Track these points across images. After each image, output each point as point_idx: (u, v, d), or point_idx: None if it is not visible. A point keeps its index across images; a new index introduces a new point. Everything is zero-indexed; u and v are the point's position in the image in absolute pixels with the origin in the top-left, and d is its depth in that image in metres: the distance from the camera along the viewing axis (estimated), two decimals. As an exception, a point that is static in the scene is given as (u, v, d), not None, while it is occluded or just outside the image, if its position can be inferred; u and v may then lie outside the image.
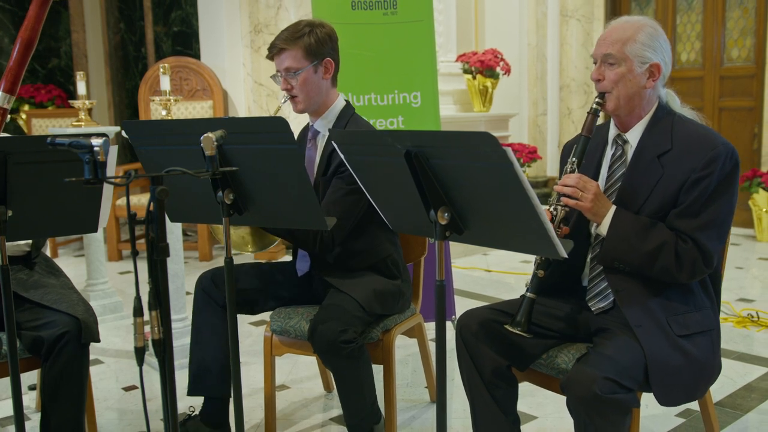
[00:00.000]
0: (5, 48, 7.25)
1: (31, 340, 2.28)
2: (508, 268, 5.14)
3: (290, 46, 2.40)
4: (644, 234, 1.98)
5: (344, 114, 2.53)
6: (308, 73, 2.42)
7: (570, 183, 2.00)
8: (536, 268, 2.06)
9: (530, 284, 2.06)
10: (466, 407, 2.76)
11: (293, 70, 2.41)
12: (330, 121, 2.52)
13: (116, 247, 5.57)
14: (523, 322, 2.02)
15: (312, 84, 2.44)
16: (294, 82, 2.43)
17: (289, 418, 2.86)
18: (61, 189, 1.91)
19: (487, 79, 6.59)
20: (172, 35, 6.83)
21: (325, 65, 2.45)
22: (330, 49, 2.46)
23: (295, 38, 2.40)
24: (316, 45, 2.41)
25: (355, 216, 2.42)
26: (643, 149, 2.07)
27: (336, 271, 2.50)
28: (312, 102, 2.47)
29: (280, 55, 2.42)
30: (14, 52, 2.28)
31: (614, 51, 2.04)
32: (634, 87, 2.05)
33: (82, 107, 3.58)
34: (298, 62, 2.40)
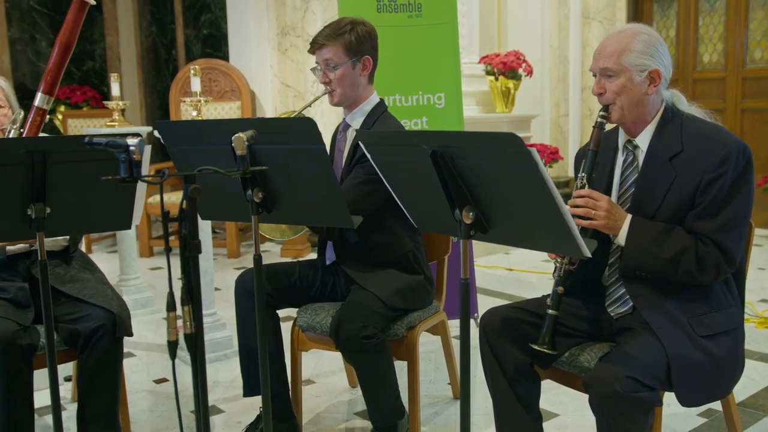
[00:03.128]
0: (42, 51, 7.35)
1: (68, 332, 2.32)
2: (530, 267, 5.12)
3: (331, 42, 2.44)
4: (663, 241, 1.94)
5: (375, 111, 2.55)
6: (346, 68, 2.46)
7: (580, 203, 1.98)
8: (555, 285, 2.04)
9: (551, 301, 2.04)
10: (488, 403, 2.75)
11: (332, 65, 2.45)
12: (362, 116, 2.55)
13: (147, 244, 5.63)
14: (548, 341, 2.01)
15: (349, 79, 2.47)
16: (332, 76, 2.47)
17: (314, 412, 2.87)
18: (97, 187, 1.93)
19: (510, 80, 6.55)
20: (202, 38, 6.89)
21: (363, 62, 2.49)
22: (369, 48, 2.50)
23: (337, 35, 2.44)
24: (356, 42, 2.45)
25: (369, 205, 2.41)
26: (654, 153, 2.04)
27: (358, 264, 2.50)
28: (347, 96, 2.51)
29: (321, 50, 2.47)
30: (53, 55, 2.31)
31: (611, 64, 2.01)
32: (636, 95, 2.02)
33: (116, 108, 3.61)
34: (338, 57, 2.44)
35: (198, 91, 3.22)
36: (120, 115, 3.72)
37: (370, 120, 2.54)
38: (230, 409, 2.91)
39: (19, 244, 2.43)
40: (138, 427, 2.76)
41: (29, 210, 1.88)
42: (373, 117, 2.54)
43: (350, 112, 2.57)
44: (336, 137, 2.66)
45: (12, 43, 7.17)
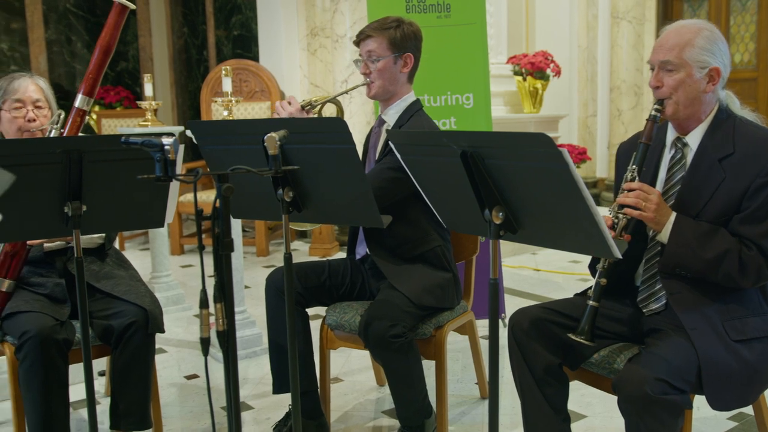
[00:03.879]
0: (78, 52, 7.46)
1: (102, 328, 2.35)
2: (557, 268, 5.08)
3: (377, 35, 2.48)
4: (706, 241, 1.91)
5: (411, 109, 2.56)
6: (388, 62, 2.48)
7: (632, 194, 1.95)
8: (598, 276, 2.02)
9: (593, 293, 2.01)
10: (514, 404, 2.74)
11: (374, 56, 2.48)
12: (396, 112, 2.57)
13: (178, 242, 5.68)
14: (586, 331, 1.98)
15: (388, 73, 2.49)
16: (373, 68, 2.50)
17: (342, 410, 2.87)
18: (132, 185, 1.96)
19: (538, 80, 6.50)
20: (233, 39, 6.93)
21: (404, 59, 2.51)
22: (412, 46, 2.52)
23: (383, 28, 2.48)
24: (400, 38, 2.48)
25: (394, 192, 2.40)
26: (704, 152, 2.01)
27: (388, 257, 2.50)
28: (385, 90, 2.52)
29: (366, 41, 2.50)
30: (94, 57, 2.34)
31: (672, 57, 1.97)
32: (693, 92, 1.98)
33: (149, 108, 3.65)
34: (381, 50, 2.47)
35: (229, 91, 3.25)
36: (153, 115, 3.76)
37: (404, 117, 2.54)
38: (259, 405, 2.93)
39: (56, 241, 2.47)
40: (169, 421, 2.78)
41: (66, 208, 1.91)
42: (407, 115, 2.55)
43: (386, 107, 2.59)
44: (371, 133, 2.67)
45: (49, 45, 7.29)
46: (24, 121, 2.45)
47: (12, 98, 2.45)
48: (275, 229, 5.95)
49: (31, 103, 2.47)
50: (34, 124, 2.45)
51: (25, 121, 2.45)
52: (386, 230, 2.44)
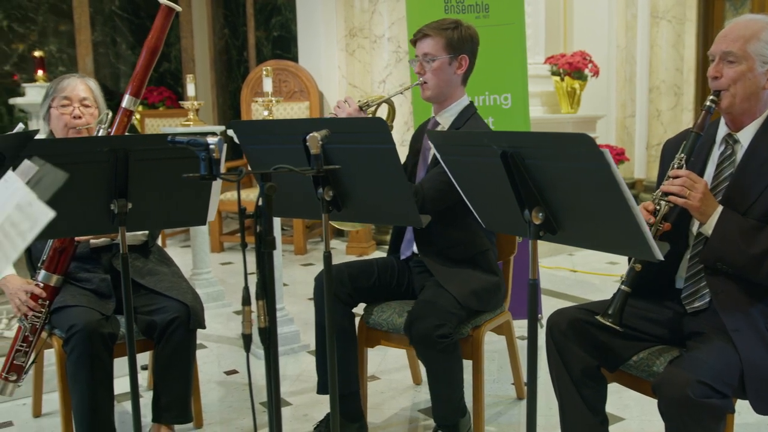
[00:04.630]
0: (122, 53, 7.59)
1: (146, 323, 2.38)
2: (594, 269, 5.02)
3: (434, 34, 2.46)
4: (752, 237, 1.87)
5: (466, 112, 2.54)
6: (443, 62, 2.47)
7: (678, 182, 1.90)
8: (633, 262, 1.98)
9: (626, 277, 1.97)
10: (551, 404, 2.71)
11: (430, 57, 2.47)
12: (452, 115, 2.55)
13: (218, 240, 5.75)
14: (615, 314, 1.94)
15: (443, 74, 2.48)
16: (428, 68, 2.48)
17: (379, 408, 2.88)
18: (175, 184, 1.99)
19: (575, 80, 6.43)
20: (273, 39, 6.99)
21: (460, 60, 2.49)
22: (469, 49, 2.51)
23: (441, 29, 2.47)
24: (457, 40, 2.46)
25: (450, 195, 2.34)
26: (756, 150, 1.96)
27: (438, 259, 2.48)
28: (439, 92, 2.51)
29: (423, 41, 2.49)
30: (141, 59, 2.38)
31: (735, 48, 1.92)
32: (752, 87, 1.93)
33: (191, 108, 3.70)
34: (437, 50, 2.46)
35: (269, 91, 3.27)
36: (194, 115, 3.81)
37: (460, 120, 2.53)
38: (297, 402, 2.94)
39: (102, 238, 2.51)
40: (209, 416, 2.81)
41: (112, 205, 1.94)
42: (463, 118, 2.53)
43: (440, 110, 2.57)
44: (423, 134, 2.65)
45: (95, 47, 7.44)
46: (70, 118, 2.50)
47: (60, 96, 2.51)
48: (313, 228, 5.98)
49: (78, 101, 2.52)
50: (80, 121, 2.50)
51: (71, 118, 2.50)
52: (437, 232, 2.44)
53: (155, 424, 2.47)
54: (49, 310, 2.37)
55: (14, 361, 2.37)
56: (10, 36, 7.05)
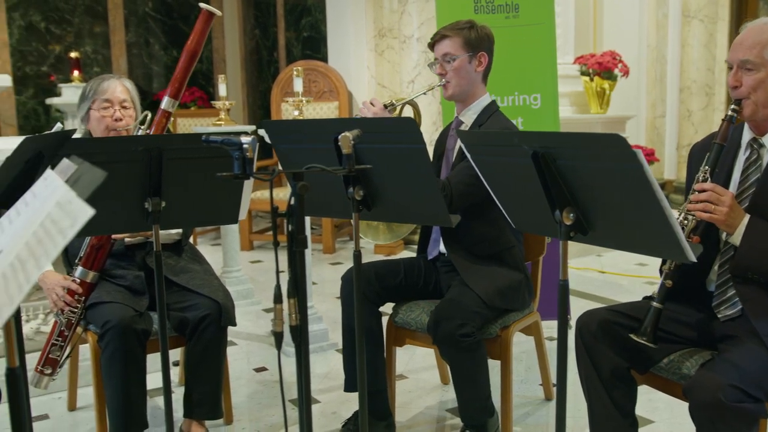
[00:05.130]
0: (155, 54, 7.68)
1: (178, 320, 2.41)
2: (623, 270, 4.96)
3: (452, 34, 2.49)
4: None
5: (488, 109, 2.55)
6: (463, 61, 2.49)
7: (703, 196, 1.88)
8: (664, 278, 1.96)
9: (658, 294, 1.96)
10: (579, 406, 2.69)
11: (450, 56, 2.49)
12: (474, 113, 2.55)
13: (248, 238, 5.79)
14: (649, 332, 1.93)
15: (464, 72, 2.50)
16: (448, 68, 2.50)
17: (406, 407, 2.87)
18: (208, 183, 2.01)
19: (605, 80, 6.37)
20: (302, 40, 7.02)
21: (479, 58, 2.51)
22: (486, 47, 2.53)
23: (457, 29, 2.50)
24: (475, 39, 2.49)
25: (473, 192, 2.35)
26: None
27: (464, 255, 2.48)
28: (461, 90, 2.52)
29: (441, 42, 2.52)
30: (180, 61, 2.40)
31: (752, 56, 1.89)
32: None
33: (222, 107, 3.73)
34: (456, 50, 2.49)
35: (300, 91, 3.29)
36: (226, 115, 3.84)
37: (482, 118, 2.53)
38: (326, 399, 2.95)
39: (136, 236, 2.54)
40: (238, 412, 2.83)
41: (147, 204, 1.96)
42: (485, 115, 2.53)
43: (463, 108, 2.58)
44: (447, 135, 2.66)
45: (129, 47, 7.53)
46: (111, 120, 2.53)
47: (101, 98, 2.54)
48: (341, 227, 5.99)
49: (119, 103, 2.55)
50: (121, 123, 2.53)
51: (112, 120, 2.53)
52: (465, 228, 2.44)
53: (186, 419, 2.49)
54: (85, 305, 2.40)
55: (50, 355, 2.41)
56: (47, 37, 7.17)
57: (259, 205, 5.69)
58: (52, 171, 1.22)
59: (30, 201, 1.17)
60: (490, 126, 2.49)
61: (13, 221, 1.16)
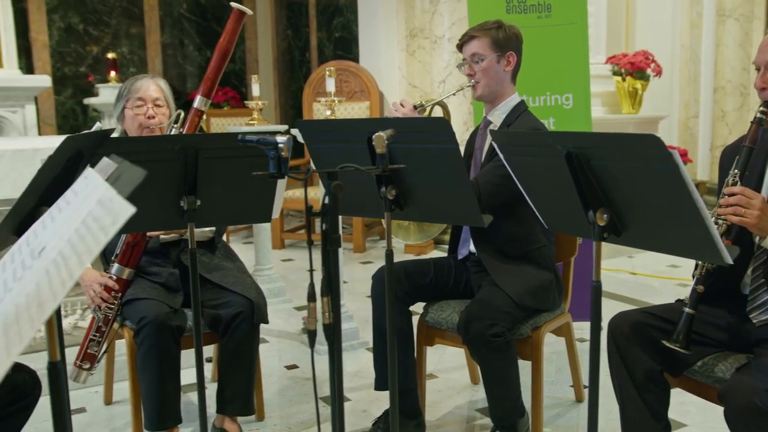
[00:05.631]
0: (189, 54, 7.76)
1: (211, 317, 2.43)
2: (654, 272, 4.90)
3: (480, 35, 2.48)
4: None
5: (517, 109, 2.53)
6: (491, 61, 2.48)
7: (733, 200, 1.84)
8: (695, 283, 1.93)
9: (690, 299, 1.93)
10: (610, 408, 2.65)
11: (478, 57, 2.48)
12: (503, 113, 2.54)
13: (279, 236, 5.82)
14: (681, 339, 1.90)
15: (493, 72, 2.49)
16: (477, 68, 2.49)
17: (436, 406, 2.87)
18: (242, 182, 2.02)
19: (637, 80, 6.28)
20: (334, 40, 7.04)
21: (507, 58, 2.50)
22: (515, 46, 2.52)
23: (485, 29, 2.49)
24: (503, 38, 2.48)
25: (502, 191, 2.34)
26: None
27: (494, 254, 2.47)
28: (490, 90, 2.51)
29: (469, 43, 2.51)
30: (212, 60, 2.42)
31: None
32: None
33: (255, 107, 3.75)
34: (484, 50, 2.48)
35: (332, 91, 3.29)
36: (258, 114, 3.86)
37: (511, 117, 2.51)
38: (356, 397, 2.96)
39: (171, 234, 2.57)
40: (270, 409, 2.85)
41: (182, 202, 1.98)
42: (514, 115, 2.52)
43: (492, 108, 2.56)
44: (476, 135, 2.65)
45: (164, 48, 7.63)
46: (144, 118, 2.56)
47: (135, 97, 2.57)
48: (372, 226, 6.00)
49: (151, 102, 2.58)
50: (153, 121, 2.56)
51: (145, 118, 2.56)
52: (495, 227, 2.42)
53: (219, 414, 2.51)
54: (121, 302, 2.43)
55: (88, 350, 2.45)
56: (86, 39, 7.28)
57: (290, 204, 5.72)
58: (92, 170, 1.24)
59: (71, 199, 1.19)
60: (518, 126, 2.48)
61: (55, 218, 1.17)
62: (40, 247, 1.09)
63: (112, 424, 2.75)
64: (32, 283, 0.97)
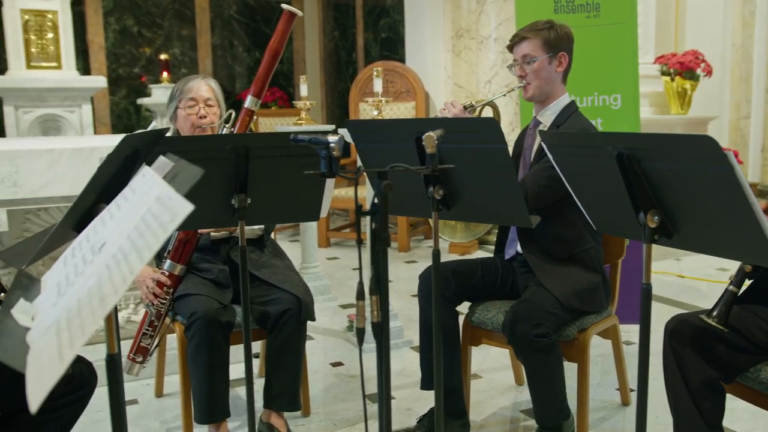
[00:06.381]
0: (239, 55, 7.86)
1: (260, 313, 2.46)
2: (702, 275, 4.79)
3: (531, 36, 2.47)
4: None
5: (567, 110, 2.51)
6: (543, 62, 2.46)
7: None
8: (742, 263, 1.88)
9: (735, 278, 1.88)
10: (657, 412, 2.61)
11: (530, 58, 2.46)
12: (553, 113, 2.51)
13: (325, 235, 5.86)
14: (720, 315, 1.85)
15: (544, 73, 2.47)
16: (528, 69, 2.47)
17: (481, 406, 2.85)
18: (292, 180, 2.04)
19: (687, 81, 6.15)
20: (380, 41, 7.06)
21: (559, 58, 2.48)
22: (566, 46, 2.50)
23: (537, 30, 2.47)
24: (554, 39, 2.46)
25: (550, 192, 2.33)
26: None
27: (541, 256, 2.44)
28: (541, 91, 2.49)
29: (520, 44, 2.49)
30: (263, 61, 2.45)
31: None
32: None
33: (303, 107, 3.78)
34: (536, 51, 2.46)
35: (379, 91, 3.30)
36: (306, 114, 3.89)
37: (561, 118, 2.48)
38: (400, 396, 2.96)
39: (222, 231, 2.60)
40: (315, 405, 2.87)
41: (233, 200, 2.00)
42: (564, 115, 2.49)
43: (542, 108, 2.54)
44: (525, 135, 2.63)
45: (214, 49, 7.74)
46: (196, 118, 2.60)
47: (187, 97, 2.61)
48: (416, 226, 5.99)
49: (203, 102, 2.62)
50: (205, 120, 2.60)
51: (197, 118, 2.60)
52: (542, 229, 2.39)
53: (266, 409, 2.54)
54: (173, 297, 2.48)
55: (141, 344, 2.50)
56: (139, 40, 7.44)
57: (335, 203, 5.75)
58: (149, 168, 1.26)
59: (129, 196, 1.21)
60: (568, 127, 2.44)
61: (114, 215, 1.20)
62: (100, 243, 1.11)
63: (163, 416, 2.80)
64: (93, 277, 1.00)
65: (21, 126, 5.97)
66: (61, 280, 1.13)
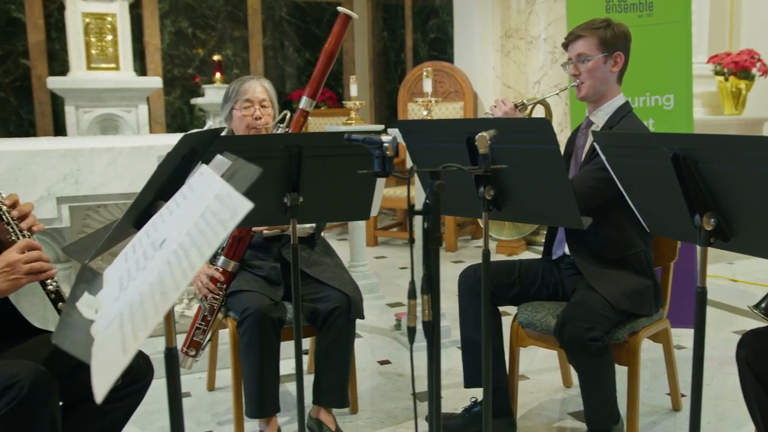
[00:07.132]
0: (289, 56, 7.94)
1: (310, 311, 2.47)
2: (756, 279, 4.65)
3: (587, 34, 2.42)
4: None
5: (621, 111, 2.46)
6: (598, 62, 2.41)
7: None
8: None
9: None
10: (708, 419, 2.55)
11: (584, 57, 2.42)
12: (606, 114, 2.47)
13: (373, 234, 5.87)
14: (765, 307, 1.79)
15: (599, 72, 2.42)
16: (582, 68, 2.43)
17: (527, 408, 2.82)
18: (343, 180, 2.05)
19: (741, 80, 5.98)
20: (429, 41, 7.04)
21: (615, 58, 2.43)
22: (622, 45, 2.44)
23: (593, 28, 2.42)
24: (611, 38, 2.41)
25: (600, 192, 2.29)
26: None
27: (589, 258, 2.40)
28: (595, 90, 2.44)
29: (576, 42, 2.44)
30: (319, 62, 2.47)
31: None
32: None
33: (353, 107, 3.80)
34: (591, 50, 2.41)
35: (429, 91, 3.29)
36: (356, 114, 3.91)
37: (614, 119, 2.44)
38: (447, 395, 2.94)
39: (274, 229, 2.63)
40: (364, 403, 2.87)
41: (286, 198, 2.02)
42: (617, 116, 2.44)
43: (595, 108, 2.50)
44: (577, 134, 2.59)
45: (265, 50, 7.83)
46: (252, 119, 2.63)
47: (242, 98, 2.64)
48: (463, 226, 5.97)
49: (258, 103, 2.65)
50: (260, 121, 2.63)
51: (252, 119, 2.63)
52: (590, 231, 2.36)
53: (315, 405, 2.56)
54: (226, 293, 2.51)
55: (194, 338, 2.54)
56: (193, 42, 7.58)
57: (384, 203, 5.75)
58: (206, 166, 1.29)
59: (188, 194, 1.24)
60: (621, 128, 2.39)
61: (173, 212, 1.22)
62: (160, 240, 1.14)
63: (214, 409, 2.84)
64: (155, 273, 1.02)
65: (81, 125, 6.15)
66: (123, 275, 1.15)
